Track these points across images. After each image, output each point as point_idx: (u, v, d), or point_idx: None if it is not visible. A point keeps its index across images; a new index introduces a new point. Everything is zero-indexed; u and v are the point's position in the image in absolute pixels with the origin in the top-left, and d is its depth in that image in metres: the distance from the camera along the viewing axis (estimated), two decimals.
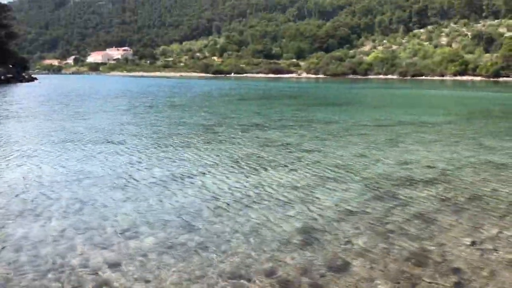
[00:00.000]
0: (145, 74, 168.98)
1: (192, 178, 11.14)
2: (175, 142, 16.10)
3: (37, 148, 15.17)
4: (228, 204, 8.97)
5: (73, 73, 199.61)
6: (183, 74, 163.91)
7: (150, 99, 41.26)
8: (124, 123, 22.39)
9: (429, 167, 12.37)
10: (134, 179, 10.93)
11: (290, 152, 14.62)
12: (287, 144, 16.06)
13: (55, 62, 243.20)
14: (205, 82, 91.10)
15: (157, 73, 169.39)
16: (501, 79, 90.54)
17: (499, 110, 31.61)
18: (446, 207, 8.81)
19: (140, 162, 12.92)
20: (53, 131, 19.39)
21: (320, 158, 13.67)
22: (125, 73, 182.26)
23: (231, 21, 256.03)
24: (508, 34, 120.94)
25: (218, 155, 13.84)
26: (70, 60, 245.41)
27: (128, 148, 15.03)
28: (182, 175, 11.41)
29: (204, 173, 11.59)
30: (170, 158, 13.54)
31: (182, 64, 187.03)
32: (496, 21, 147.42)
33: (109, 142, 16.29)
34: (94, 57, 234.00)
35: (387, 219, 8.15)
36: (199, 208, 8.74)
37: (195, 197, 9.51)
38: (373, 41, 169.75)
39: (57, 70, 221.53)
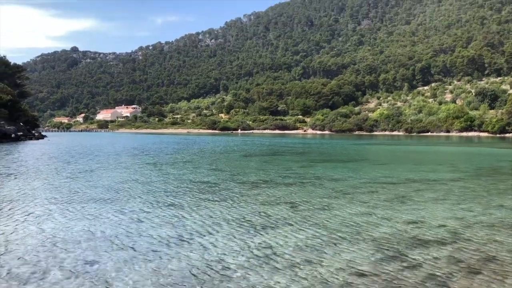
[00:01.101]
0: (153, 131, 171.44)
1: (197, 238, 10.97)
2: (179, 201, 16.01)
3: (39, 208, 15.13)
4: (235, 266, 8.76)
5: (82, 130, 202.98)
6: (191, 130, 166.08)
7: (155, 156, 41.52)
8: (127, 180, 22.43)
9: (439, 226, 12.13)
10: (137, 240, 10.78)
11: (297, 210, 14.46)
12: (294, 202, 15.91)
13: (65, 120, 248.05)
14: (211, 138, 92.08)
15: (165, 130, 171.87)
16: (507, 135, 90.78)
17: (508, 167, 31.39)
18: (459, 269, 8.54)
19: (143, 222, 12.80)
20: (56, 189, 19.42)
21: (328, 216, 13.48)
22: (133, 130, 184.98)
23: (238, 79, 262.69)
24: (511, 91, 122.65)
25: (223, 214, 13.71)
26: (79, 118, 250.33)
27: (131, 208, 14.94)
28: (187, 235, 11.26)
29: (209, 233, 11.43)
30: (174, 217, 13.41)
31: (189, 120, 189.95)
32: (499, 78, 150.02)
33: (112, 201, 16.25)
34: (103, 115, 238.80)
35: (399, 282, 7.89)
36: (203, 271, 8.54)
37: (199, 259, 9.32)
38: (378, 98, 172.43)
39: (67, 127, 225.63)
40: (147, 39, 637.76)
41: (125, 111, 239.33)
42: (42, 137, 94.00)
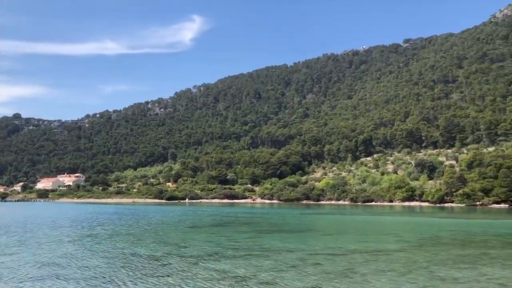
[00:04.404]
0: (96, 200, 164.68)
1: None
2: (120, 277, 15.08)
3: None
4: None
5: (18, 200, 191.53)
6: (136, 200, 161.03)
7: (93, 227, 39.57)
8: (60, 256, 21.01)
9: None
10: None
11: (246, 286, 13.99)
12: (240, 276, 15.43)
13: (1, 189, 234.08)
14: (157, 208, 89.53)
15: (109, 200, 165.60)
16: (446, 204, 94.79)
17: (447, 237, 32.44)
18: None
19: None
20: None
21: None
22: (75, 199, 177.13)
23: (187, 148, 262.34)
24: (447, 162, 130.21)
25: None
26: (17, 187, 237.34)
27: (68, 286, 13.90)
28: None
29: None
30: None
31: (135, 190, 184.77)
32: (436, 150, 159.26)
33: (42, 279, 15.06)
34: (44, 184, 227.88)
35: None
36: None
37: None
38: (324, 168, 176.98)
39: (2, 197, 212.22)
40: (95, 107, 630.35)
41: (68, 179, 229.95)
42: None
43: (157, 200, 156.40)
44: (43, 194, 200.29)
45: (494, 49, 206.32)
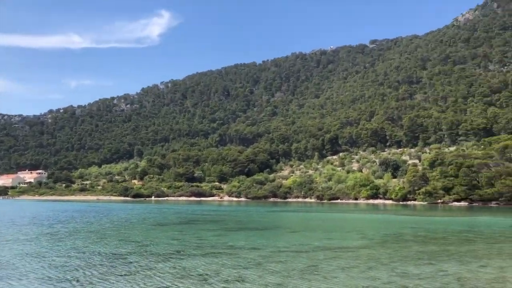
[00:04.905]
0: (59, 198, 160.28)
1: None
2: (77, 277, 14.69)
3: None
4: None
5: None
6: (101, 197, 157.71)
7: (53, 225, 38.51)
8: (18, 255, 20.33)
9: None
10: None
11: (209, 283, 13.89)
12: (205, 274, 15.32)
13: None
14: (122, 206, 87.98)
15: (73, 197, 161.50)
16: (409, 202, 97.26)
17: (409, 234, 33.27)
18: None
19: None
20: None
21: None
22: (37, 197, 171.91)
23: (153, 145, 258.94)
24: (410, 161, 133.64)
25: None
26: None
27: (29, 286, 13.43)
28: None
29: None
30: None
31: (100, 187, 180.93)
32: (399, 149, 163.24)
33: (8, 279, 14.51)
34: (3, 181, 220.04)
35: None
36: None
37: None
38: (291, 166, 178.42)
39: None
40: (59, 102, 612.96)
41: (29, 176, 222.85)
42: None
43: (122, 198, 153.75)
44: (2, 191, 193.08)
45: (456, 51, 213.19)
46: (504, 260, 19.71)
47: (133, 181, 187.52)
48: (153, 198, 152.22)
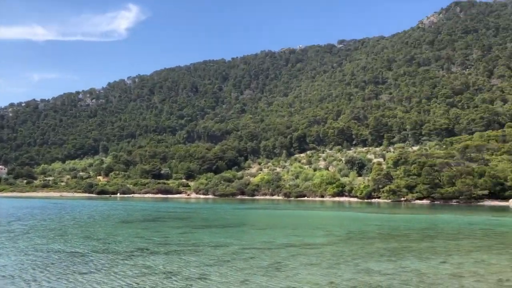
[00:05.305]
0: (20, 194, 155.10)
1: None
2: (35, 276, 14.22)
3: None
4: None
5: None
6: (64, 194, 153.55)
7: (11, 223, 37.23)
8: None
9: None
10: None
11: (172, 281, 13.72)
12: (169, 272, 15.14)
13: None
14: (86, 203, 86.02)
15: (35, 194, 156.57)
16: (373, 200, 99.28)
17: (373, 231, 33.93)
18: None
19: None
20: None
21: (204, 287, 12.98)
22: None
23: (119, 141, 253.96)
24: (375, 160, 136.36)
25: None
26: None
27: None
28: None
29: None
30: None
31: (63, 183, 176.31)
32: (365, 148, 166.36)
33: None
34: None
35: None
36: None
37: None
38: (259, 163, 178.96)
39: None
40: (21, 95, 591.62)
41: None
42: None
43: (86, 194, 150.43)
44: None
45: (420, 53, 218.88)
46: (461, 256, 20.37)
47: (98, 177, 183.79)
48: (118, 195, 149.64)
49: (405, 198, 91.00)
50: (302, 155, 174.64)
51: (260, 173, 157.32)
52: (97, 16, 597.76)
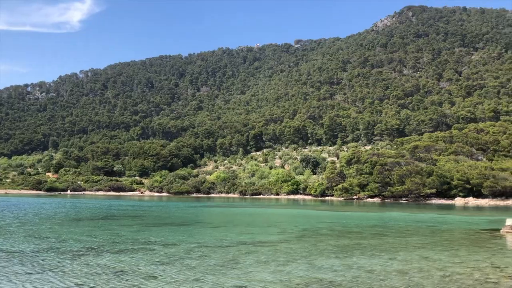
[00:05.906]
0: None
1: None
2: None
3: None
4: None
5: None
6: (10, 191, 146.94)
7: None
8: None
9: None
10: None
11: (123, 280, 13.33)
12: (120, 271, 14.72)
13: None
14: (34, 200, 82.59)
15: None
16: (327, 198, 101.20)
17: (326, 228, 34.51)
18: None
19: None
20: None
21: (155, 286, 12.70)
22: None
23: (70, 136, 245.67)
24: (329, 159, 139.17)
25: None
26: None
27: None
28: None
29: None
30: None
31: (9, 180, 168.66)
32: (320, 147, 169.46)
33: None
34: None
35: None
36: None
37: None
38: (215, 161, 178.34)
39: None
40: None
41: None
42: None
43: (34, 192, 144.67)
44: None
45: (374, 55, 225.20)
46: (409, 252, 21.06)
47: (47, 174, 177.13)
48: (68, 192, 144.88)
49: (357, 196, 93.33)
50: (258, 153, 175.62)
51: (216, 171, 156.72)
52: (48, 7, 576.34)
